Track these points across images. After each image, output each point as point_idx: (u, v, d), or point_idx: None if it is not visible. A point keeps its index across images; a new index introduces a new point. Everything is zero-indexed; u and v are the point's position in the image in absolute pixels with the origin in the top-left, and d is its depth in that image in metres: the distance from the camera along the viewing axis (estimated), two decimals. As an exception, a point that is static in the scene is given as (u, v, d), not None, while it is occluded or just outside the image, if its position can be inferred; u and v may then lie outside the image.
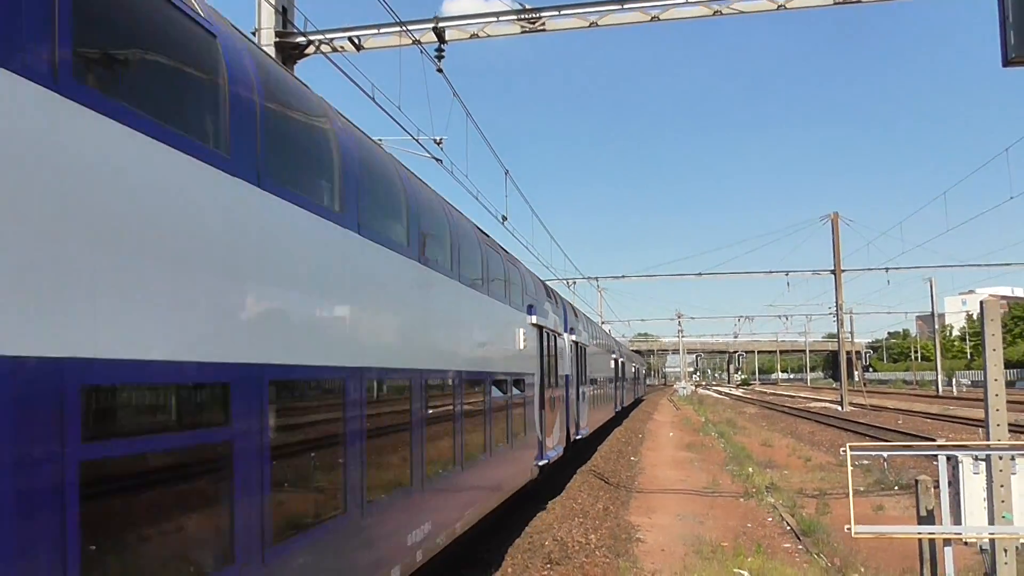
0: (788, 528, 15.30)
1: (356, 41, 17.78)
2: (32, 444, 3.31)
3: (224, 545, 4.74)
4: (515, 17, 17.87)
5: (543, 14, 17.72)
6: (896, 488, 18.89)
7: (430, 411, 9.19)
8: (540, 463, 16.39)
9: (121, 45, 4.31)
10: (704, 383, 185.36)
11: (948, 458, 7.60)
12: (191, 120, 4.86)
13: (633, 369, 60.98)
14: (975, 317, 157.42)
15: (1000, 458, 7.57)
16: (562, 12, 17.80)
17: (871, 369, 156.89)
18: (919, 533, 7.52)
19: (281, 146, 5.91)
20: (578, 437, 22.73)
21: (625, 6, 17.52)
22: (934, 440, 20.74)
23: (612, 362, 39.21)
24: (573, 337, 22.43)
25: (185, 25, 4.79)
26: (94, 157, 3.78)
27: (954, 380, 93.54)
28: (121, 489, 4.01)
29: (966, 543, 7.54)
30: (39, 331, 3.36)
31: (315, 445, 6.22)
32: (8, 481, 3.19)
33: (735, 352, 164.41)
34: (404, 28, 16.30)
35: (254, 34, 16.06)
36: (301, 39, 16.93)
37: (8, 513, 3.18)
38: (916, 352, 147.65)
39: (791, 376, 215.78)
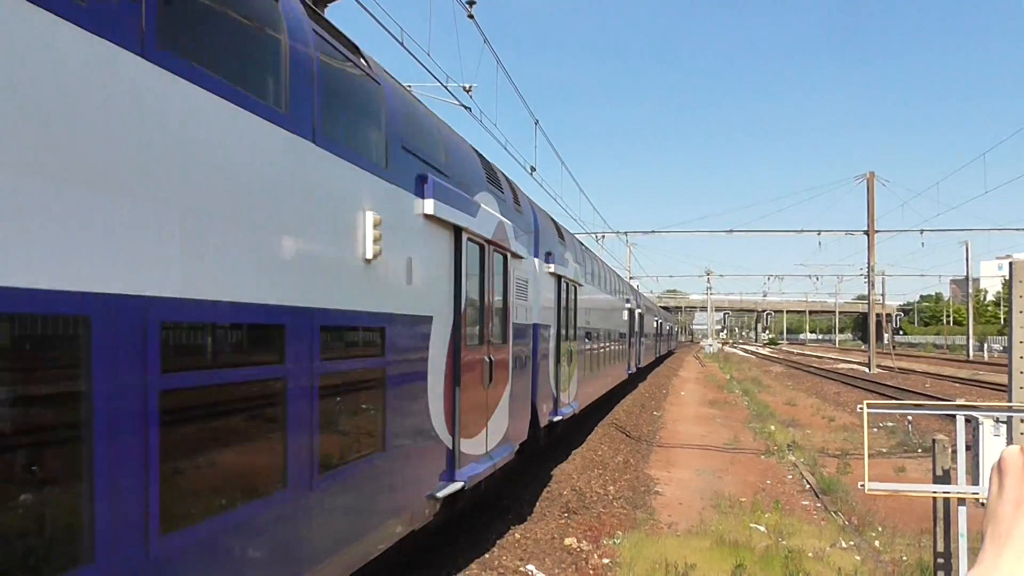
0: (807, 486, 15.34)
1: (387, -13, 17.55)
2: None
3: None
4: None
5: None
6: (920, 451, 18.81)
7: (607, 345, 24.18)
8: (629, 372, 32.75)
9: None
10: (731, 341, 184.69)
11: (968, 419, 7.55)
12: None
13: (668, 327, 79.91)
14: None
15: (1022, 421, 7.51)
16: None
17: (901, 332, 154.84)
18: (934, 492, 7.50)
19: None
20: (640, 366, 40.01)
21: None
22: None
23: (655, 324, 55.16)
24: (640, 310, 38.70)
25: None
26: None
27: (986, 345, 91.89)
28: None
29: (982, 504, 7.51)
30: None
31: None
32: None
33: (763, 311, 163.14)
34: (435, -27, 16.09)
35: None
36: (331, -16, 16.76)
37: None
38: (948, 316, 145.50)
39: (819, 337, 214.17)
